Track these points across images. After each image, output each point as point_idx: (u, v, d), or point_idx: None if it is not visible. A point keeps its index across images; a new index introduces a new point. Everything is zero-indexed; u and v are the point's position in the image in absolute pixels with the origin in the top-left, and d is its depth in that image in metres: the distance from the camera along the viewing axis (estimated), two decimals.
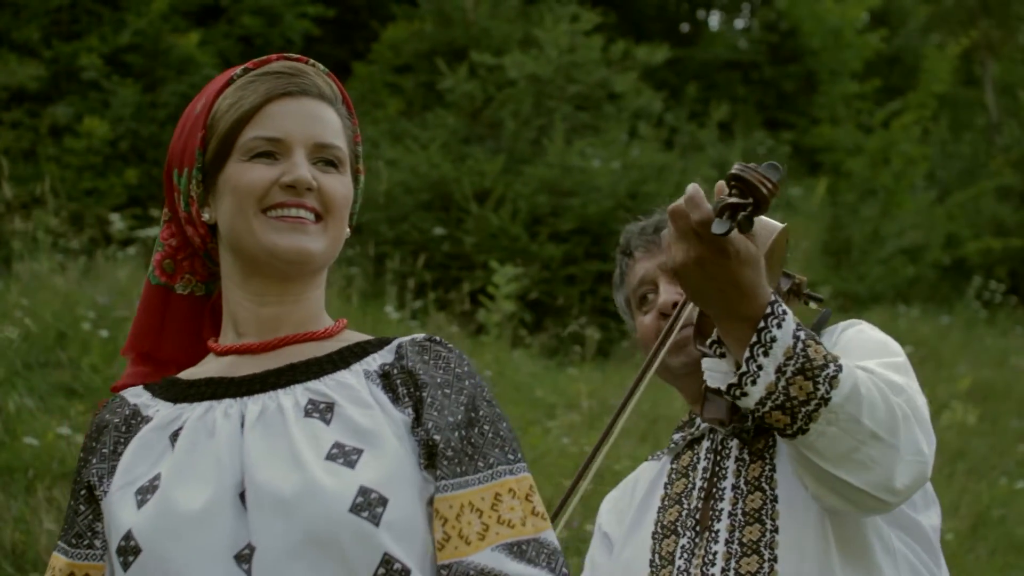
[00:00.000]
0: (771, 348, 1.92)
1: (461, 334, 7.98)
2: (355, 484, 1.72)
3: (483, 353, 7.53)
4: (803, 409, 1.93)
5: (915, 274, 13.26)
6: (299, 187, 1.82)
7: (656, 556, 2.23)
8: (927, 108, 14.83)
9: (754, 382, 1.93)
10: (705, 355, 2.08)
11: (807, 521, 2.12)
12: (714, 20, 18.36)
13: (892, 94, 15.53)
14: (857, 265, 12.87)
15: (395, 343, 1.89)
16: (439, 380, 1.83)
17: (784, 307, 1.95)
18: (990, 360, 10.21)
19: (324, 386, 1.83)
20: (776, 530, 2.12)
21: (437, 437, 1.79)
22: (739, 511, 2.15)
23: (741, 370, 1.94)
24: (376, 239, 9.49)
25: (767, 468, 2.17)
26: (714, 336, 2.04)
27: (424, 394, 1.82)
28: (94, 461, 1.86)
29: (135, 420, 1.87)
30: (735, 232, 1.86)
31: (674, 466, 2.33)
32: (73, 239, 7.85)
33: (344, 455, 1.75)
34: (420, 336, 1.89)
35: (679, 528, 2.23)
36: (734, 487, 2.18)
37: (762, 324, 1.93)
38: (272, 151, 1.84)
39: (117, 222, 7.79)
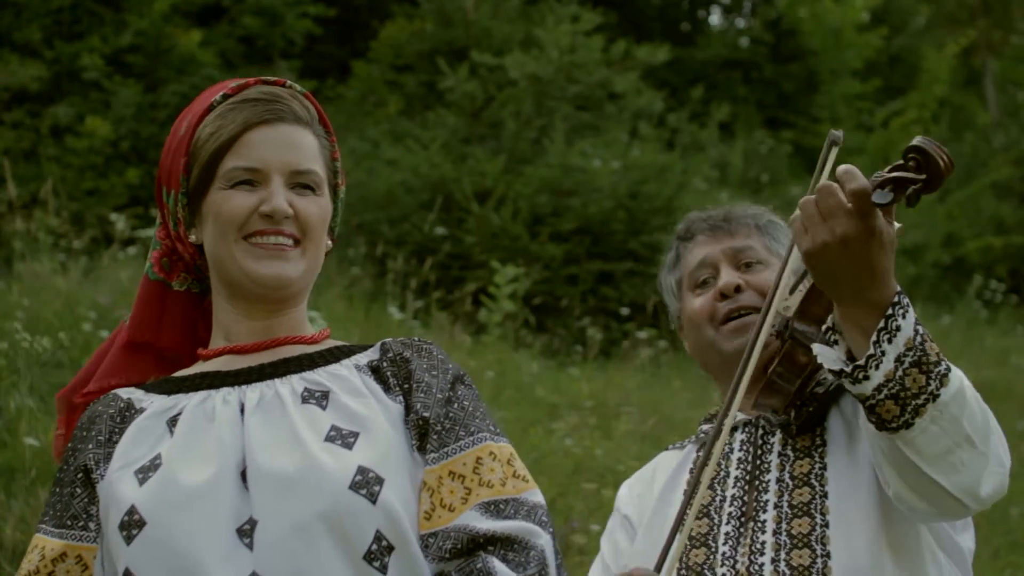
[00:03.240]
0: (895, 336, 1.93)
1: (463, 334, 7.98)
2: (353, 464, 1.81)
3: (485, 353, 7.52)
4: (913, 402, 1.94)
5: (915, 274, 13.24)
6: (276, 216, 1.92)
7: (686, 538, 2.23)
8: (927, 108, 14.82)
9: (877, 367, 1.93)
10: (805, 338, 2.08)
11: (861, 521, 2.13)
12: (715, 20, 18.36)
13: (893, 94, 15.52)
14: None
15: (379, 343, 2.00)
16: (425, 365, 1.95)
17: (908, 299, 1.96)
18: (991, 360, 10.20)
19: (318, 376, 1.93)
20: (827, 524, 2.14)
21: (427, 415, 1.89)
22: (785, 503, 2.17)
23: (868, 352, 1.93)
24: (377, 239, 9.48)
25: (817, 466, 2.19)
26: (829, 323, 2.04)
27: (412, 382, 1.92)
28: (90, 447, 1.92)
29: (129, 412, 1.94)
30: (881, 215, 1.86)
31: (700, 454, 2.32)
32: (75, 239, 7.85)
33: (341, 437, 1.85)
34: (401, 338, 2.02)
35: (712, 512, 2.23)
36: (778, 480, 2.20)
37: (890, 311, 1.94)
38: (251, 179, 1.93)
39: (119, 222, 7.79)
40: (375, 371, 1.95)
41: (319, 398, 1.90)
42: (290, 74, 11.27)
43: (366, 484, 1.80)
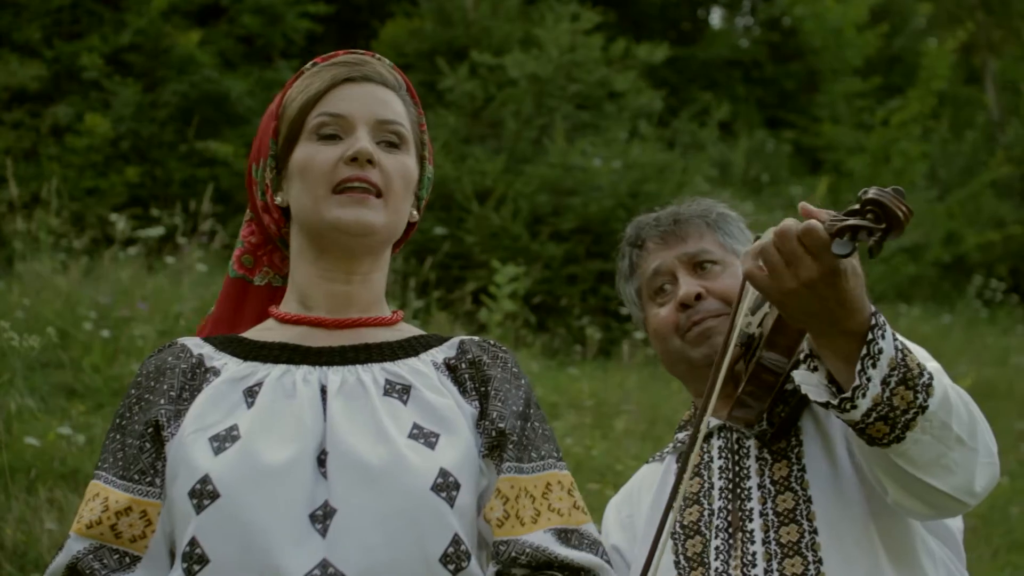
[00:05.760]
0: (879, 360, 1.90)
1: (463, 334, 7.97)
2: (436, 465, 1.82)
3: None
4: (903, 418, 1.92)
5: (916, 273, 13.24)
6: (361, 158, 1.91)
7: (681, 557, 2.22)
8: (927, 104, 14.81)
9: (864, 394, 1.91)
10: (776, 366, 2.06)
11: (848, 523, 2.13)
12: (715, 18, 18.36)
13: (893, 92, 15.51)
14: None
15: (456, 340, 2.00)
16: (500, 376, 1.94)
17: (883, 316, 1.93)
18: (991, 359, 10.20)
19: (400, 369, 1.92)
20: (815, 531, 2.12)
21: (503, 425, 1.89)
22: (770, 511, 2.16)
23: (854, 384, 1.90)
24: None
25: (795, 468, 2.17)
26: (806, 349, 2.01)
27: (489, 388, 1.92)
28: (162, 402, 1.89)
29: (200, 369, 1.92)
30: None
31: (680, 465, 2.32)
32: (75, 239, 7.85)
33: (424, 436, 1.85)
34: (477, 338, 2.01)
35: (703, 528, 2.21)
36: (760, 486, 2.18)
37: (870, 336, 1.90)
38: (336, 133, 1.94)
39: (119, 222, 7.79)
40: (452, 370, 1.95)
41: (400, 392, 1.89)
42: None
43: (446, 487, 1.80)
